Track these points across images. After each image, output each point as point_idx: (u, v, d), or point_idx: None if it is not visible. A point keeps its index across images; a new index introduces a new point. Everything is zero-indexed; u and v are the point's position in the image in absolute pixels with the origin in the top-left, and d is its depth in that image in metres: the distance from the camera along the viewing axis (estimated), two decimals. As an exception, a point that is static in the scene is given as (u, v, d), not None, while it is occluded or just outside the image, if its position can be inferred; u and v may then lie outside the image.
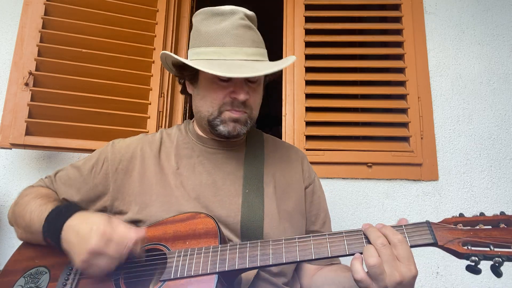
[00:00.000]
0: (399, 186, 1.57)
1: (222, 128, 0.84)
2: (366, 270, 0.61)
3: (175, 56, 0.85)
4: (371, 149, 1.58)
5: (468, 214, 0.64)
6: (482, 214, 0.66)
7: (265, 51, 0.86)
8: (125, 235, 0.68)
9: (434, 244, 0.64)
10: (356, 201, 1.56)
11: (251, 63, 0.80)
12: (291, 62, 0.84)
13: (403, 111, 1.63)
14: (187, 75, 0.89)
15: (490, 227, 0.64)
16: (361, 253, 0.64)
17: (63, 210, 0.77)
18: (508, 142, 1.61)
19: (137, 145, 0.92)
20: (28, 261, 0.81)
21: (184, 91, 0.95)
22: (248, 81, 0.84)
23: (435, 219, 0.67)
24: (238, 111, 0.83)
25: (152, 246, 0.76)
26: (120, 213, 0.87)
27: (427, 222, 0.66)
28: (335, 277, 0.85)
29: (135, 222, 0.84)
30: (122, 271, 0.74)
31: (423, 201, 1.55)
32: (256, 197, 0.86)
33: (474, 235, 0.63)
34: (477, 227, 0.64)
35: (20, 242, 0.87)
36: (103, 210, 0.89)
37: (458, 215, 0.68)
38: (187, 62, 0.81)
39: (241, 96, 0.81)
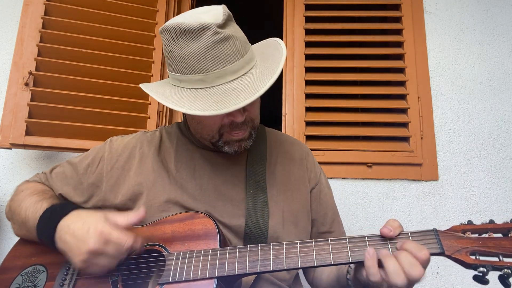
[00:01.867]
0: (399, 186, 1.57)
1: (227, 149, 0.82)
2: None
3: (164, 102, 0.72)
4: (371, 149, 1.58)
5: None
6: (491, 221, 0.64)
7: (249, 52, 0.76)
8: (122, 236, 0.67)
9: (441, 254, 0.62)
10: (356, 201, 1.55)
11: (241, 82, 0.71)
12: (283, 57, 0.75)
13: (403, 111, 1.63)
14: None
15: (500, 235, 0.62)
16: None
17: (58, 209, 0.76)
18: (508, 142, 1.61)
19: (135, 144, 0.90)
20: (25, 258, 0.80)
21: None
22: None
23: (435, 219, 0.66)
24: (239, 131, 0.79)
25: (150, 247, 0.75)
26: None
27: (434, 230, 0.64)
28: (330, 272, 0.87)
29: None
30: (121, 269, 0.74)
31: (423, 201, 1.55)
32: (260, 199, 0.84)
33: (483, 244, 0.60)
34: (486, 236, 0.62)
35: (17, 239, 0.86)
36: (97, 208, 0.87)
37: (466, 222, 0.65)
38: (179, 108, 0.70)
39: (239, 118, 0.75)
